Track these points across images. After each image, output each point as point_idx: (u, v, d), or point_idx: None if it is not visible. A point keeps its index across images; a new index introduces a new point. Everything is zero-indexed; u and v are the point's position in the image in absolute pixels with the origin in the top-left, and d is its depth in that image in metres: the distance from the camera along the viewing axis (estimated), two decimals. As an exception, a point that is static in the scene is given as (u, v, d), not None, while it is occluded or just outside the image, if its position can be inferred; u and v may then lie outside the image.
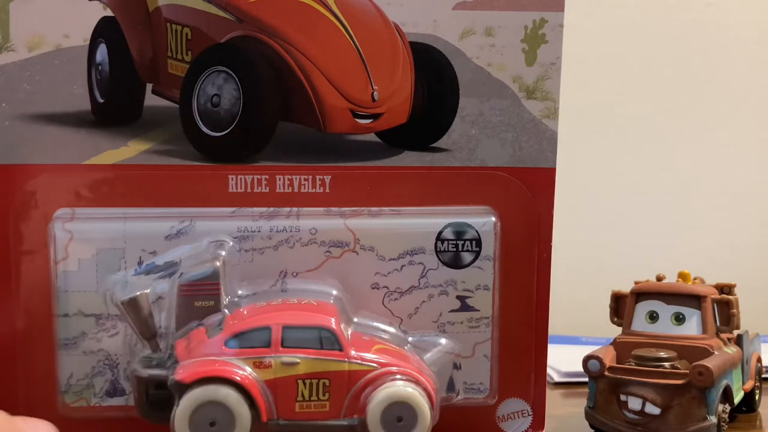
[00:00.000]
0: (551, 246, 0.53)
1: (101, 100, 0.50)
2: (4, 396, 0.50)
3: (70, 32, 0.49)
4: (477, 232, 0.52)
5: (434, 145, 0.52)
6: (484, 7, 0.51)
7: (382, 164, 0.52)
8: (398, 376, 0.47)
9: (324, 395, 0.46)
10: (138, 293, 0.48)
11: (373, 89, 0.51)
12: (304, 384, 0.46)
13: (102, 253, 0.50)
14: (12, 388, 0.51)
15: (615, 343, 0.57)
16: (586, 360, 0.54)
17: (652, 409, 0.52)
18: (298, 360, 0.46)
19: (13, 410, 0.50)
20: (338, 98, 0.51)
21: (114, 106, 0.50)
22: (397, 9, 0.50)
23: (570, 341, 0.81)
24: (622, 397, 0.53)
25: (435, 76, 0.51)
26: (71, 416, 0.51)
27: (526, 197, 0.52)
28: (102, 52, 0.50)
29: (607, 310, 0.60)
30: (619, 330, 0.59)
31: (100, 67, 0.50)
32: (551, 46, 0.51)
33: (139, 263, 0.50)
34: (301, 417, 0.46)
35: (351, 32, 0.50)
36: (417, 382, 0.47)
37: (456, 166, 0.52)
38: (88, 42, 0.49)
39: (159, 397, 0.47)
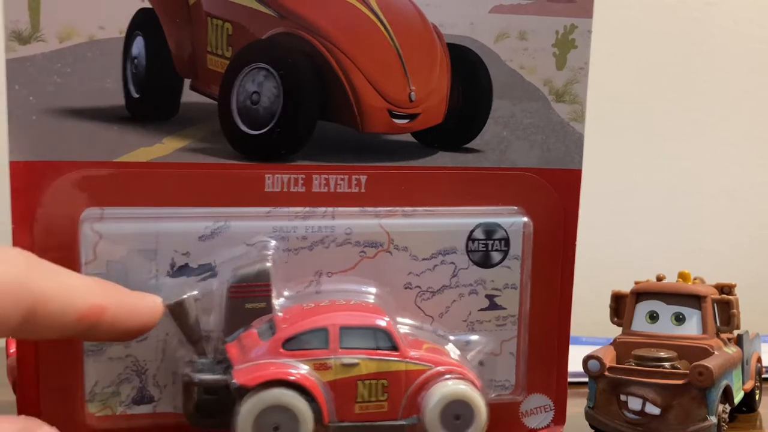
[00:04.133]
0: (575, 245, 0.54)
1: (136, 95, 0.48)
2: (25, 406, 0.48)
3: (105, 23, 0.47)
4: (506, 231, 0.53)
5: (467, 145, 0.52)
6: (518, 11, 0.52)
7: (417, 164, 0.52)
8: (453, 375, 0.47)
9: (383, 396, 0.46)
10: (185, 296, 0.46)
11: (410, 89, 0.51)
12: (364, 385, 0.45)
13: (132, 255, 0.48)
14: (34, 397, 0.48)
15: (615, 343, 0.57)
16: (586, 360, 0.55)
17: (652, 409, 0.53)
18: (359, 361, 0.45)
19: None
20: (377, 98, 0.50)
21: (150, 102, 0.48)
22: (436, 10, 0.51)
23: (570, 341, 0.81)
24: (622, 397, 0.54)
25: (470, 78, 0.52)
26: (95, 427, 0.49)
27: (553, 198, 0.54)
28: (139, 46, 0.48)
29: (607, 310, 0.61)
30: (619, 330, 0.59)
31: (136, 60, 0.48)
32: (580, 51, 0.53)
33: (171, 265, 0.49)
34: (361, 418, 0.46)
35: (391, 32, 0.50)
36: (471, 381, 0.47)
37: (488, 166, 0.53)
38: (124, 34, 0.47)
39: (209, 402, 0.45)
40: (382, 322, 0.47)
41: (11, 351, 0.65)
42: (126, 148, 0.48)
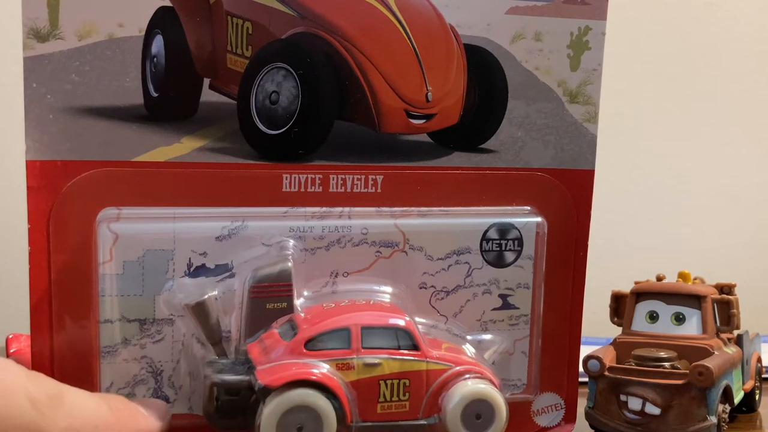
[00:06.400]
0: (587, 245, 0.55)
1: (155, 95, 0.47)
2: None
3: (124, 21, 0.46)
4: (519, 231, 0.53)
5: (482, 146, 0.53)
6: (534, 12, 0.52)
7: (433, 165, 0.52)
8: (472, 375, 0.47)
9: (404, 395, 0.46)
10: (206, 297, 0.46)
11: (427, 90, 0.51)
12: (386, 385, 0.46)
13: (149, 255, 0.48)
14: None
15: (615, 343, 0.57)
16: (586, 360, 0.55)
17: (652, 409, 0.52)
18: (381, 361, 0.45)
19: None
20: (394, 98, 0.50)
21: (169, 101, 0.48)
22: (453, 11, 0.51)
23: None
24: (622, 397, 0.54)
25: (486, 78, 0.52)
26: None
27: (565, 198, 0.54)
28: (158, 44, 0.47)
29: (607, 310, 0.61)
30: (619, 330, 0.60)
31: (155, 59, 0.48)
32: (594, 53, 0.53)
33: (189, 265, 0.48)
34: (383, 418, 0.46)
35: (409, 32, 0.50)
36: (489, 380, 0.48)
37: (502, 167, 0.53)
38: (143, 33, 0.46)
39: (230, 403, 0.45)
40: (403, 322, 0.47)
41: (11, 351, 0.64)
42: (144, 147, 0.47)
